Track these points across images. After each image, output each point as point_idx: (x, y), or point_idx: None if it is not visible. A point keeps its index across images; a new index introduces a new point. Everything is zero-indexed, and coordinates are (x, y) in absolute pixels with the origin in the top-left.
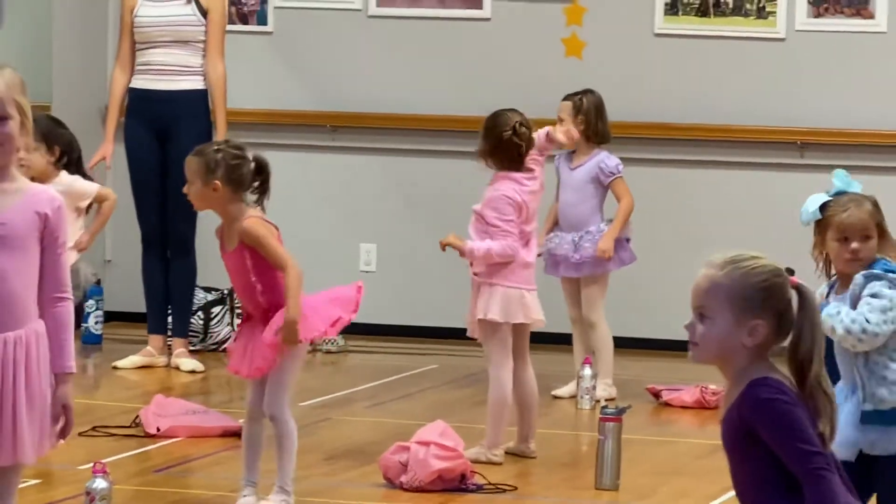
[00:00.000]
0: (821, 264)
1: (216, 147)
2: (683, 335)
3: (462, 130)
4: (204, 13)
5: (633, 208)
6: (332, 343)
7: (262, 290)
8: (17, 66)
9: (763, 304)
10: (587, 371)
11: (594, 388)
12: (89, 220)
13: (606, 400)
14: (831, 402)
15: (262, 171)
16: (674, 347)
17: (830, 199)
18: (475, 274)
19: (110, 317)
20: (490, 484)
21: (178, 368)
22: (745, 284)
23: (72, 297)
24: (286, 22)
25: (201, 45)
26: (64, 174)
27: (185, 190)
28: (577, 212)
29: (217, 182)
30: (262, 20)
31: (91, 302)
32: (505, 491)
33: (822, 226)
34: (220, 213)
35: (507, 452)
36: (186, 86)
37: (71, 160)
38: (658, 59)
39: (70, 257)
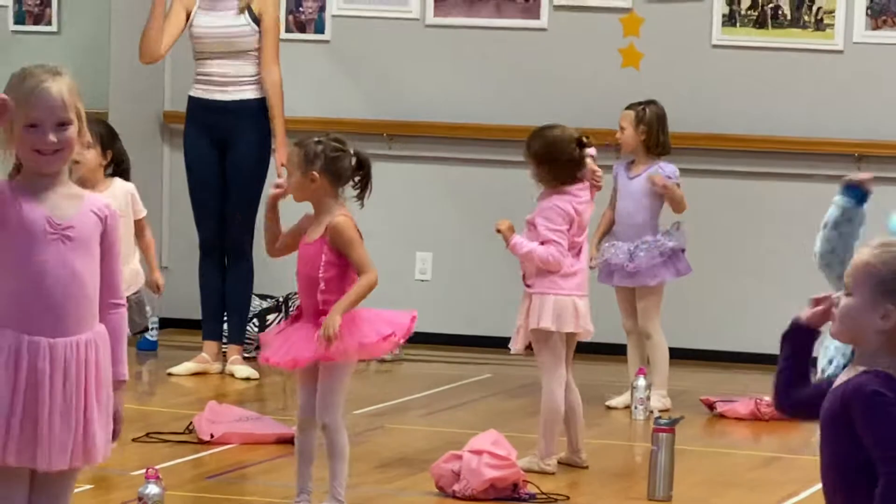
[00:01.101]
0: None
1: (317, 139)
2: (738, 347)
3: (519, 140)
4: (257, 21)
5: (686, 209)
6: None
7: (325, 288)
8: (73, 73)
9: None
10: (641, 381)
11: (648, 398)
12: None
13: (660, 411)
14: None
15: (362, 166)
16: (729, 359)
17: None
18: (527, 285)
19: (166, 323)
20: (542, 493)
21: (232, 375)
22: (890, 268)
23: (125, 304)
24: (343, 30)
25: (256, 54)
26: (121, 181)
27: (283, 182)
28: (634, 221)
29: (315, 173)
30: (320, 28)
31: (147, 308)
32: (557, 501)
33: None
34: (316, 205)
35: (559, 462)
36: (242, 96)
37: (118, 171)
38: (715, 70)
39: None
